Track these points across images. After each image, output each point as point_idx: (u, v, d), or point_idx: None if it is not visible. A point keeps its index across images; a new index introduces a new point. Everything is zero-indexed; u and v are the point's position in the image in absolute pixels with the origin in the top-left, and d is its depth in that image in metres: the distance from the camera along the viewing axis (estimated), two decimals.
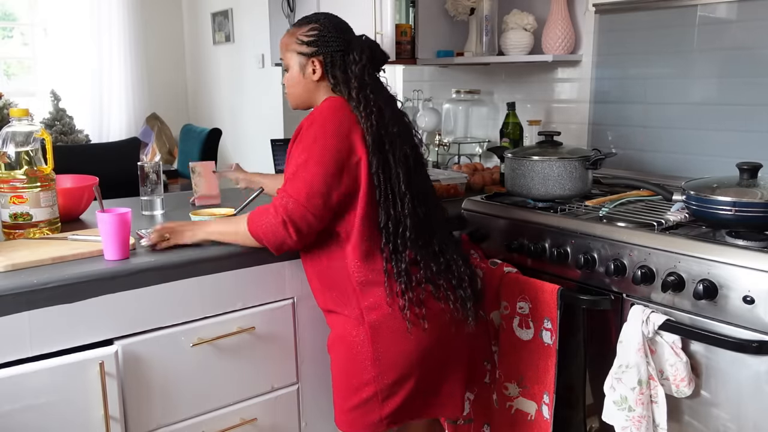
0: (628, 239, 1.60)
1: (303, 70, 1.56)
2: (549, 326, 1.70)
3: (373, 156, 1.45)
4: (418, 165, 1.57)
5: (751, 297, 1.37)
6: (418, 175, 1.55)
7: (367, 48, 1.55)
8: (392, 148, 1.48)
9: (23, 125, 1.63)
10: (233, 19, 5.14)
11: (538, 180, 1.89)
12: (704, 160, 2.02)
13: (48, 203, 1.64)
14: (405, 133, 1.55)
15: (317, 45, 1.53)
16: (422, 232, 1.51)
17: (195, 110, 5.90)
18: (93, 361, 1.40)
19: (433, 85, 2.89)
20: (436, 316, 1.51)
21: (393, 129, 1.49)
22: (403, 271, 1.47)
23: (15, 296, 1.32)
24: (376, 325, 1.48)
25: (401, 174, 1.48)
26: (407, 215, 1.48)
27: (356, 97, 1.49)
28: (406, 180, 1.48)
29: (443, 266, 1.53)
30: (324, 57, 1.53)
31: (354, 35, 1.58)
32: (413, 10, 2.54)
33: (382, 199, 1.46)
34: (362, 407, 1.52)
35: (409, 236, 1.48)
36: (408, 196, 1.48)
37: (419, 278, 1.49)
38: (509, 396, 1.82)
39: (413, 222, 1.48)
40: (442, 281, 1.52)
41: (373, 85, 1.52)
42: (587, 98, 2.32)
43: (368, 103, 1.48)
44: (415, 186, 1.52)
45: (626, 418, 1.53)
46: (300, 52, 1.55)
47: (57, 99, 4.83)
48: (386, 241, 1.47)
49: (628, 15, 2.18)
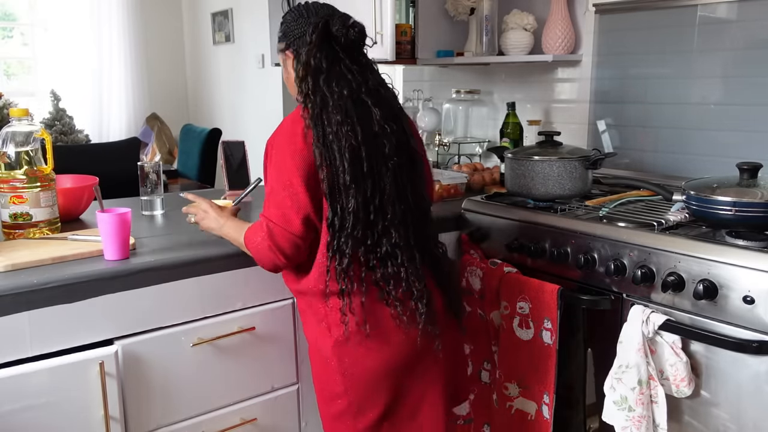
0: (628, 239, 1.60)
1: (286, 66, 1.49)
2: (549, 326, 1.70)
3: (316, 148, 1.34)
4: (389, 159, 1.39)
5: (751, 297, 1.37)
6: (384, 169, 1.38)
7: (319, 21, 1.38)
8: (336, 138, 1.33)
9: (23, 125, 1.63)
10: (233, 19, 5.14)
11: (538, 180, 1.89)
12: (704, 160, 2.02)
13: (48, 203, 1.64)
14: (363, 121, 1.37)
15: (286, 37, 1.45)
16: (372, 231, 1.37)
17: (195, 110, 5.90)
18: (93, 361, 1.40)
19: (433, 85, 2.89)
20: (395, 330, 1.41)
21: (337, 117, 1.34)
22: (344, 271, 1.36)
23: (15, 296, 1.33)
24: (340, 339, 1.41)
25: (346, 165, 1.33)
26: (351, 211, 1.34)
27: (307, 87, 1.37)
28: (352, 172, 1.34)
29: (391, 274, 1.39)
30: (293, 49, 1.44)
31: (321, 17, 1.40)
32: (413, 10, 2.54)
33: (328, 195, 1.35)
34: (339, 418, 1.47)
35: (354, 233, 1.35)
36: (352, 189, 1.34)
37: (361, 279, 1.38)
38: (509, 396, 1.82)
39: (359, 219, 1.35)
40: (390, 289, 1.39)
41: (325, 67, 1.37)
42: (587, 98, 2.32)
43: (308, 92, 1.37)
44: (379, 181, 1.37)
45: (626, 418, 1.53)
46: (279, 48, 1.49)
47: (57, 99, 4.82)
48: (330, 239, 1.36)
49: (628, 15, 2.18)
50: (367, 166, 1.36)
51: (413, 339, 1.42)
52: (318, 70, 1.37)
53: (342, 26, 1.39)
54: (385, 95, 1.45)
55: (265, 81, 4.74)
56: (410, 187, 1.44)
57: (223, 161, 1.85)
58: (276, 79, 4.52)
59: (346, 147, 1.34)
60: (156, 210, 1.97)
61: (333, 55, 1.39)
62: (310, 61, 1.37)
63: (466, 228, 2.00)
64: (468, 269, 1.93)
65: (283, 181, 1.36)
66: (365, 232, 1.37)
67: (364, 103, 1.39)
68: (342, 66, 1.39)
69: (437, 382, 1.50)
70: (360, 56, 1.43)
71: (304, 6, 1.46)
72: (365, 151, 1.36)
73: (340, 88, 1.37)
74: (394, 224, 1.39)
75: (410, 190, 1.43)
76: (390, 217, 1.38)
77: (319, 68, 1.37)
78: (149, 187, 1.95)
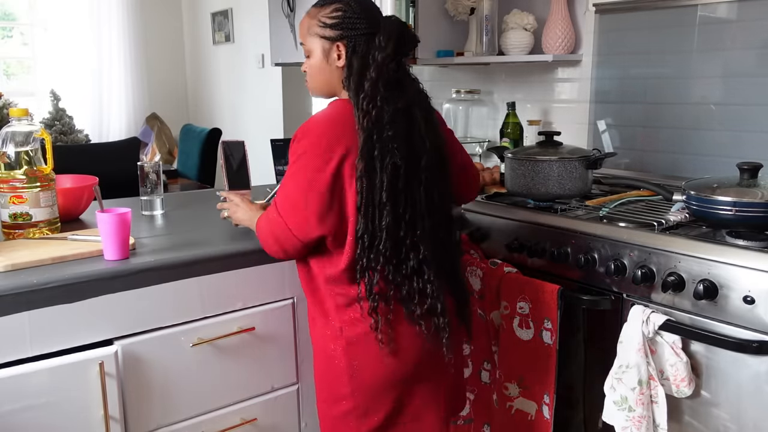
0: (628, 239, 1.60)
1: (327, 56, 1.42)
2: (549, 326, 1.70)
3: (360, 161, 1.32)
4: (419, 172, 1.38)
5: (752, 297, 1.37)
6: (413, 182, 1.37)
7: (395, 31, 1.38)
8: (381, 154, 1.32)
9: (23, 125, 1.63)
10: (233, 19, 5.13)
11: (538, 180, 1.89)
12: (704, 160, 2.02)
13: (48, 203, 1.64)
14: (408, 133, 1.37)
15: (342, 27, 1.39)
16: (400, 248, 1.36)
17: (195, 110, 5.90)
18: (93, 361, 1.40)
19: (433, 85, 2.89)
20: (410, 341, 1.41)
21: (389, 132, 1.33)
22: (374, 287, 1.36)
23: (15, 296, 1.32)
24: (353, 341, 1.40)
25: (385, 182, 1.32)
26: (383, 228, 1.33)
27: (365, 89, 1.34)
28: (390, 189, 1.33)
29: (417, 290, 1.38)
30: (348, 41, 1.39)
31: (382, 16, 1.42)
32: (413, 10, 2.54)
33: (362, 209, 1.33)
34: (343, 419, 1.46)
35: (383, 251, 1.34)
36: (388, 207, 1.33)
37: (389, 297, 1.37)
38: (509, 396, 1.82)
39: (390, 236, 1.34)
40: (414, 306, 1.39)
41: (391, 77, 1.36)
42: (587, 98, 2.32)
43: (373, 98, 1.34)
44: (411, 197, 1.36)
45: (626, 418, 1.53)
46: (323, 35, 1.41)
47: (57, 99, 4.82)
48: (360, 254, 1.35)
49: (628, 15, 2.18)
50: (403, 182, 1.35)
51: (428, 351, 1.42)
52: (387, 81, 1.35)
53: (412, 36, 1.41)
54: (425, 100, 1.44)
55: (265, 81, 4.74)
56: (439, 196, 1.42)
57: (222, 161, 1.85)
58: (276, 79, 4.52)
59: (390, 164, 1.33)
60: (156, 210, 1.97)
61: (399, 67, 1.38)
62: (382, 70, 1.35)
63: (466, 228, 2.00)
64: (468, 269, 1.92)
65: (302, 180, 1.35)
66: (394, 249, 1.35)
67: (413, 116, 1.38)
68: (404, 77, 1.39)
69: (441, 389, 1.51)
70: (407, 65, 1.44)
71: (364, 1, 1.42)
72: (404, 167, 1.34)
73: (397, 101, 1.35)
74: (423, 239, 1.38)
75: (440, 199, 1.42)
76: (420, 233, 1.37)
77: (388, 79, 1.35)
78: (149, 187, 1.95)
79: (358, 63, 1.37)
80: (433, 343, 1.41)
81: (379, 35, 1.37)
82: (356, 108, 1.35)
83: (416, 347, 1.42)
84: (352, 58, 1.38)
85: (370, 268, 1.35)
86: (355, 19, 1.38)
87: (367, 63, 1.36)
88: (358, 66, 1.37)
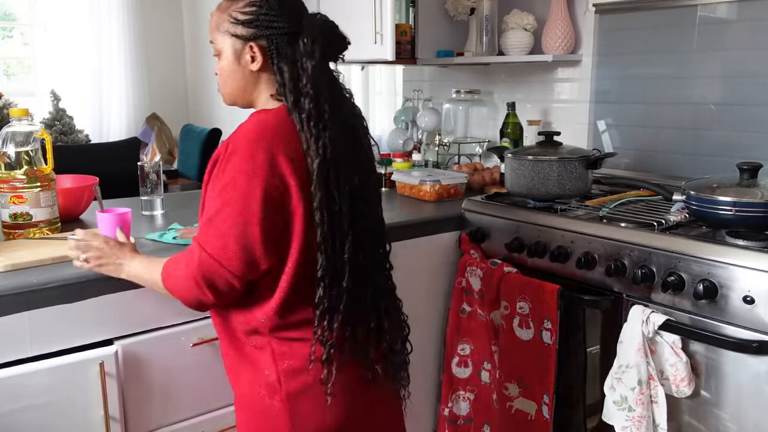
0: (628, 239, 1.60)
1: (238, 57, 1.22)
2: (549, 326, 1.70)
3: (317, 190, 1.14)
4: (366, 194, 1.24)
5: (751, 297, 1.37)
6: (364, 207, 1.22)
7: (322, 33, 1.18)
8: (337, 181, 1.16)
9: (23, 125, 1.63)
10: None
11: (538, 180, 1.89)
12: (704, 160, 2.02)
13: (48, 203, 1.64)
14: (355, 153, 1.22)
15: (256, 25, 1.19)
16: (359, 283, 1.21)
17: (195, 110, 5.90)
18: (93, 361, 1.40)
19: (433, 85, 2.89)
20: (360, 387, 1.25)
21: (342, 155, 1.17)
22: (334, 331, 1.18)
23: (15, 296, 1.32)
24: (296, 394, 1.21)
25: (345, 210, 1.17)
26: (346, 262, 1.18)
27: (307, 108, 1.15)
28: (351, 217, 1.18)
29: (375, 329, 1.25)
30: (267, 42, 1.19)
31: (306, 13, 1.22)
32: (413, 10, 2.54)
33: (322, 243, 1.15)
34: None
35: (348, 287, 1.18)
36: (350, 237, 1.18)
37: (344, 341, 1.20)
38: (509, 396, 1.82)
39: (353, 271, 1.19)
40: (370, 348, 1.24)
41: (327, 86, 1.18)
42: (587, 98, 2.32)
43: (320, 118, 1.15)
44: (359, 224, 1.20)
45: (626, 418, 1.53)
46: (235, 33, 1.20)
47: (57, 99, 4.82)
48: (323, 294, 1.17)
49: (628, 15, 2.18)
50: (362, 207, 1.21)
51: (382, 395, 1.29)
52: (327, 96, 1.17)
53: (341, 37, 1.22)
54: (362, 117, 1.28)
55: None
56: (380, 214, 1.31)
57: None
58: None
59: (347, 189, 1.18)
60: (156, 210, 1.97)
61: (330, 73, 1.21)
62: (319, 83, 1.16)
63: (466, 228, 2.00)
64: (468, 269, 1.93)
65: (237, 207, 1.13)
66: (356, 285, 1.20)
67: (357, 133, 1.24)
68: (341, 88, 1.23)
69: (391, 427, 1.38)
70: None
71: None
72: (358, 190, 1.20)
73: (341, 115, 1.19)
74: (376, 269, 1.25)
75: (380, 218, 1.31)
76: (372, 263, 1.23)
77: (328, 94, 1.18)
78: (149, 187, 1.95)
79: (289, 71, 1.18)
80: (386, 386, 1.28)
81: (303, 36, 1.17)
82: (301, 130, 1.16)
83: (369, 393, 1.27)
84: (277, 64, 1.19)
85: (332, 309, 1.18)
86: (272, 15, 1.18)
87: (298, 73, 1.17)
88: (290, 75, 1.18)
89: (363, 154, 1.25)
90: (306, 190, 1.15)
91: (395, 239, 1.88)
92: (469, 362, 1.95)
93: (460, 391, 1.98)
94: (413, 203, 2.17)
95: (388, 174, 2.38)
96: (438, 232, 1.99)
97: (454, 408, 1.99)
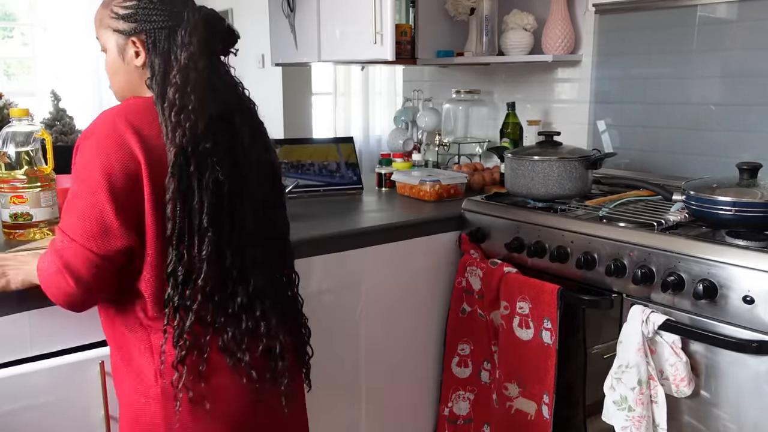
0: (628, 239, 1.60)
1: (122, 53, 1.21)
2: (549, 326, 1.70)
3: (170, 180, 1.10)
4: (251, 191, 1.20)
5: (751, 297, 1.37)
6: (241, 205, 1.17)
7: (201, 26, 1.16)
8: (199, 170, 1.11)
9: (23, 125, 1.63)
10: (233, 19, 5.13)
11: (538, 180, 1.89)
12: (704, 160, 2.02)
13: (48, 203, 1.64)
14: (232, 148, 1.17)
15: (136, 20, 1.18)
16: (225, 282, 1.15)
17: None
18: (93, 361, 1.40)
19: (433, 85, 2.89)
20: (234, 396, 1.19)
21: (206, 144, 1.12)
22: (185, 332, 1.12)
23: (15, 296, 1.32)
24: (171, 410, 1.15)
25: (206, 203, 1.11)
26: (204, 259, 1.12)
27: (171, 98, 1.12)
28: (212, 211, 1.12)
29: (246, 330, 1.18)
30: (147, 36, 1.18)
31: (188, 6, 1.20)
32: (413, 10, 2.54)
33: (175, 238, 1.11)
34: None
35: (202, 286, 1.12)
36: (210, 233, 1.12)
37: (203, 345, 1.15)
38: (509, 396, 1.82)
39: (212, 268, 1.13)
40: (242, 352, 1.17)
41: (204, 79, 1.14)
42: (587, 98, 2.32)
43: (183, 107, 1.11)
44: (238, 220, 1.16)
45: (626, 418, 1.53)
46: (116, 29, 1.20)
47: (57, 99, 4.82)
48: (172, 292, 1.11)
49: (628, 15, 2.18)
50: (228, 202, 1.15)
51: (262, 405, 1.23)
52: (195, 86, 1.13)
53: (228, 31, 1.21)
54: (249, 108, 1.26)
55: (265, 81, 4.74)
56: (273, 216, 1.25)
57: None
58: (276, 79, 4.52)
59: (210, 180, 1.12)
60: None
61: (214, 64, 1.18)
62: (188, 72, 1.13)
63: (466, 228, 2.00)
64: (468, 269, 1.93)
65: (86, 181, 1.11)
66: (217, 283, 1.14)
67: (233, 124, 1.19)
68: (217, 80, 1.18)
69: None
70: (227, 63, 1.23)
71: None
72: (228, 185, 1.14)
73: (215, 107, 1.15)
74: (255, 269, 1.19)
75: (274, 222, 1.25)
76: (249, 261, 1.18)
77: (197, 84, 1.13)
78: None
79: (159, 63, 1.17)
80: (268, 394, 1.22)
81: (182, 29, 1.16)
82: (162, 119, 1.13)
83: (243, 402, 1.20)
84: (152, 58, 1.18)
85: (185, 308, 1.12)
86: (151, 9, 1.18)
87: (170, 64, 1.16)
88: (159, 68, 1.17)
89: (240, 148, 1.19)
90: (161, 179, 1.11)
91: (395, 239, 1.89)
92: (469, 362, 1.95)
93: (460, 391, 1.98)
94: (413, 203, 2.17)
95: (388, 174, 2.39)
96: (438, 232, 1.99)
97: (454, 408, 1.99)
